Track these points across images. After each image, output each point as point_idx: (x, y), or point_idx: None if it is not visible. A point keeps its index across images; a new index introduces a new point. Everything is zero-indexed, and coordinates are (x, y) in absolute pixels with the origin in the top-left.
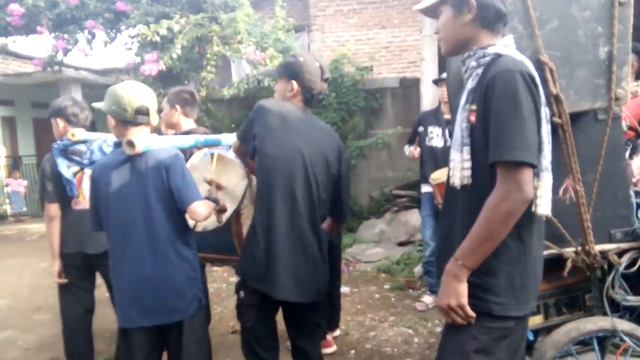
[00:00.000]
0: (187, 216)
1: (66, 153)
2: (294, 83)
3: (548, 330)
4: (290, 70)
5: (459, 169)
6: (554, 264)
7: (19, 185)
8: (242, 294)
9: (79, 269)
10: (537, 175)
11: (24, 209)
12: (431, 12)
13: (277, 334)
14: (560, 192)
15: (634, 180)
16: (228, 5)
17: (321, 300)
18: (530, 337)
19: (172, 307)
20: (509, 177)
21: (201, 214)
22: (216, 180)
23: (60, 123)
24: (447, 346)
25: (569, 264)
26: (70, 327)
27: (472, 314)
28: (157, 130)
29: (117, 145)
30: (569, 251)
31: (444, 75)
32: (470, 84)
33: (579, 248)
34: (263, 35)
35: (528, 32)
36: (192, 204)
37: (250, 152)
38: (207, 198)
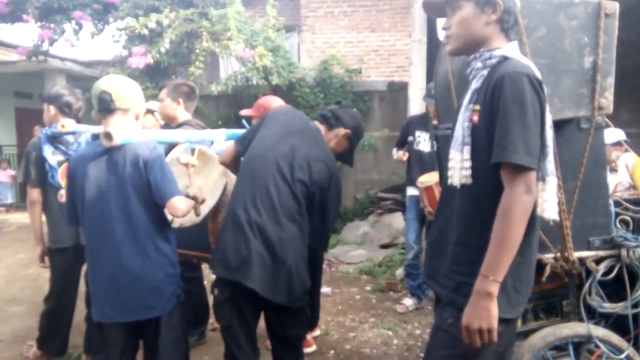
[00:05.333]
0: (165, 211)
1: (53, 141)
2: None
3: (525, 334)
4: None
5: (458, 168)
6: None
7: (7, 176)
8: (215, 291)
9: (77, 260)
10: (542, 179)
11: (9, 200)
12: (438, 8)
13: (255, 338)
14: None
15: None
16: (219, 2)
17: (299, 308)
18: None
19: (150, 304)
20: (517, 179)
21: (180, 210)
22: (191, 162)
23: (52, 110)
24: (434, 349)
25: (547, 270)
26: (62, 307)
27: (495, 339)
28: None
29: (95, 137)
30: (548, 257)
31: (431, 100)
32: (474, 85)
33: (558, 254)
34: (253, 33)
35: (516, 39)
36: (171, 199)
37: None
38: (187, 195)
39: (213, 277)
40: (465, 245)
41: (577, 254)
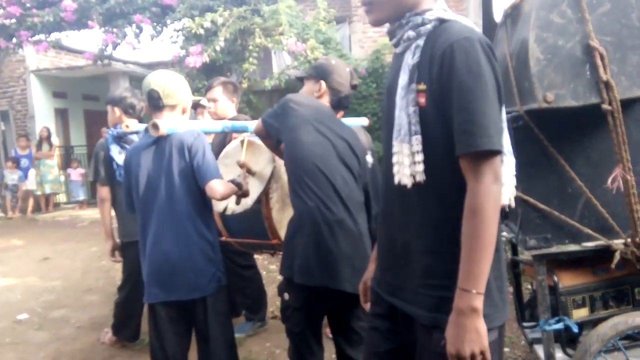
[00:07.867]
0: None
1: (119, 140)
2: (323, 84)
3: (594, 323)
4: (320, 71)
5: (407, 164)
6: (602, 256)
7: (78, 174)
8: (286, 296)
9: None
10: (501, 160)
11: (81, 197)
12: None
13: (322, 335)
14: (609, 181)
15: None
16: None
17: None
18: (575, 329)
19: (191, 284)
20: (484, 168)
21: (218, 192)
22: (248, 164)
23: (116, 112)
24: None
25: (617, 256)
26: (134, 297)
27: (489, 357)
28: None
29: (147, 130)
30: (617, 243)
31: None
32: (411, 59)
33: (629, 240)
34: (304, 26)
35: (577, 16)
36: (210, 182)
37: (274, 141)
38: (232, 181)
39: (271, 267)
40: (437, 253)
41: None
